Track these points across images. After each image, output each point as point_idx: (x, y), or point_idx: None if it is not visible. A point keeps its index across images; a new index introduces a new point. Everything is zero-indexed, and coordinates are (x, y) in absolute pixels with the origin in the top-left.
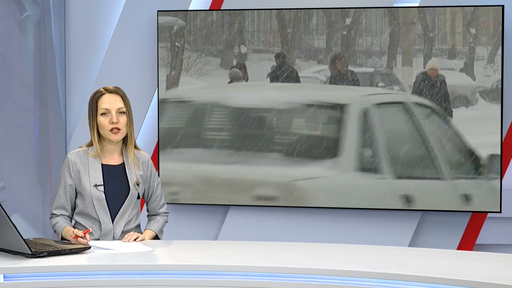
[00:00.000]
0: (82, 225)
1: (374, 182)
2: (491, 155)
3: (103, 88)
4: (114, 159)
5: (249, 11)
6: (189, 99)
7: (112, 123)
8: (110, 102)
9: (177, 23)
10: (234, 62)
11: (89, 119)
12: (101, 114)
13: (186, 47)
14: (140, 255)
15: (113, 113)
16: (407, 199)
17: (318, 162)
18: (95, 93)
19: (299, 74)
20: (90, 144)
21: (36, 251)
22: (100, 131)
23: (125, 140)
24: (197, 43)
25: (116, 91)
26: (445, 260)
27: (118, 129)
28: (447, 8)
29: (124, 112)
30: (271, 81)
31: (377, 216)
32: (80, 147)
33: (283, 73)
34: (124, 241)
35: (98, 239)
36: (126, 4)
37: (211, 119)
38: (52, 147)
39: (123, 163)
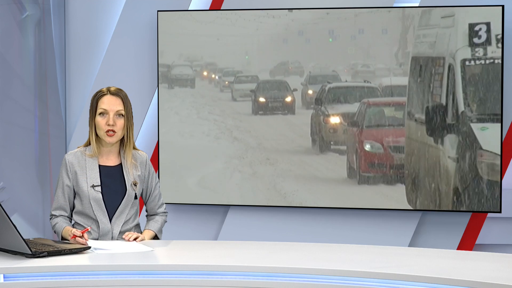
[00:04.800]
0: (81, 225)
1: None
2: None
3: (106, 89)
4: (111, 160)
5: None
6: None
7: (108, 125)
8: (109, 104)
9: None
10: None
11: (89, 118)
12: (99, 114)
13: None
14: (140, 255)
15: (111, 115)
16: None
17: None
18: (97, 93)
19: None
20: (88, 144)
21: (36, 251)
22: (97, 131)
23: (122, 142)
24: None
25: (118, 93)
26: (445, 260)
27: (114, 131)
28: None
29: (122, 115)
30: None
31: (377, 216)
32: (78, 147)
33: None
34: (125, 238)
35: (97, 239)
36: (126, 4)
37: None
38: (52, 147)
39: (120, 164)
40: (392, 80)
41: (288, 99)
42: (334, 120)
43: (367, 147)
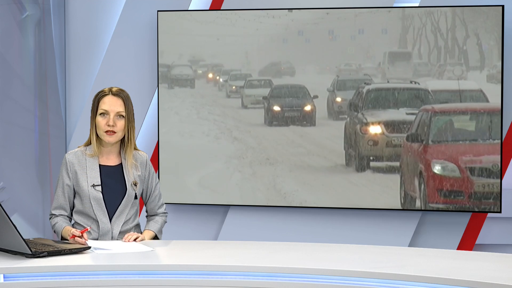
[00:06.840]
0: (80, 224)
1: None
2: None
3: (108, 89)
4: (111, 160)
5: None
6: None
7: (108, 125)
8: (110, 104)
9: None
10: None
11: (90, 118)
12: (100, 114)
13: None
14: (140, 255)
15: (111, 115)
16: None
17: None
18: (98, 93)
19: None
20: (88, 144)
21: (36, 251)
22: (97, 130)
23: (123, 142)
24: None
25: (119, 94)
26: (445, 260)
27: (114, 131)
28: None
29: (123, 116)
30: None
31: (377, 216)
32: (79, 147)
33: None
34: (124, 241)
35: (97, 239)
36: (126, 4)
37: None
38: (52, 147)
39: (121, 163)
40: (461, 84)
41: (308, 107)
42: (374, 129)
43: (437, 168)
